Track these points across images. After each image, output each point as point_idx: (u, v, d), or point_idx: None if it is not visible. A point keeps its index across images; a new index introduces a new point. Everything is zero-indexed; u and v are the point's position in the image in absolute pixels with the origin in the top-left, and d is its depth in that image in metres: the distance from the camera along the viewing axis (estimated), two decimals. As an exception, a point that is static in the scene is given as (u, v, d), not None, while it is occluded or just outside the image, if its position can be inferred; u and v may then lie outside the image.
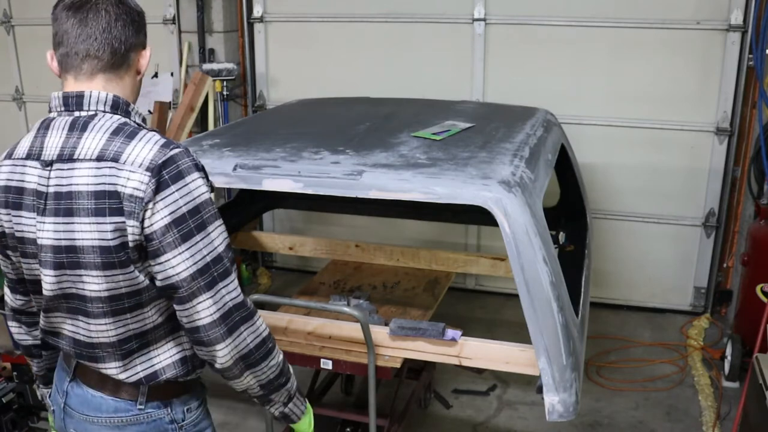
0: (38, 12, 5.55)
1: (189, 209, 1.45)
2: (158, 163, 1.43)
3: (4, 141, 5.95)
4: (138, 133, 1.49)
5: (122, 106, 1.54)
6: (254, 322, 1.54)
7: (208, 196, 1.48)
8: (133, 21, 1.55)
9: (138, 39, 1.57)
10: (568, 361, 2.20)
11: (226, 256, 1.50)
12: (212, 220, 1.48)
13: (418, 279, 3.59)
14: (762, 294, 3.75)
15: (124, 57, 1.55)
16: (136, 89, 1.62)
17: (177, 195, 1.44)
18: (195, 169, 1.47)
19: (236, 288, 1.52)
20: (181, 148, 1.49)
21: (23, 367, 3.46)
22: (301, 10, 5.01)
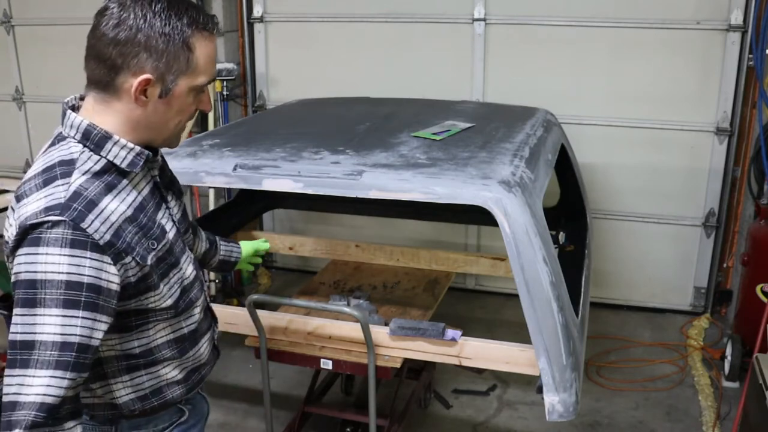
0: (38, 12, 5.56)
1: (26, 279, 1.28)
2: (27, 224, 1.29)
3: (4, 141, 5.97)
4: (53, 183, 1.33)
5: (94, 138, 1.39)
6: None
7: (55, 277, 1.26)
8: (134, 37, 1.34)
9: (125, 60, 1.35)
10: (568, 361, 2.20)
11: (38, 349, 1.25)
12: (50, 304, 1.26)
13: (418, 279, 3.59)
14: (762, 294, 3.75)
15: (109, 78, 1.37)
16: (132, 116, 1.40)
17: (23, 260, 1.29)
18: (62, 245, 1.27)
19: (24, 386, 1.25)
20: (61, 218, 1.28)
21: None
22: (301, 10, 5.01)
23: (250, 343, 2.81)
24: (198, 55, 1.38)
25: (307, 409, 3.17)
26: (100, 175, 1.38)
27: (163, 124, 1.44)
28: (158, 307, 1.50)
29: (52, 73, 5.67)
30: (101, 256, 1.32)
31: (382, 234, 4.87)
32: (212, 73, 1.45)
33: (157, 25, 1.33)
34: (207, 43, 1.40)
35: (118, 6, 1.36)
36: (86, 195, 1.34)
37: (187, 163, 2.57)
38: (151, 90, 1.37)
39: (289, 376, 3.67)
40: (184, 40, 1.36)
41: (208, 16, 1.41)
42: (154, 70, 1.35)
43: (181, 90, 1.40)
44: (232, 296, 4.82)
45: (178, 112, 1.44)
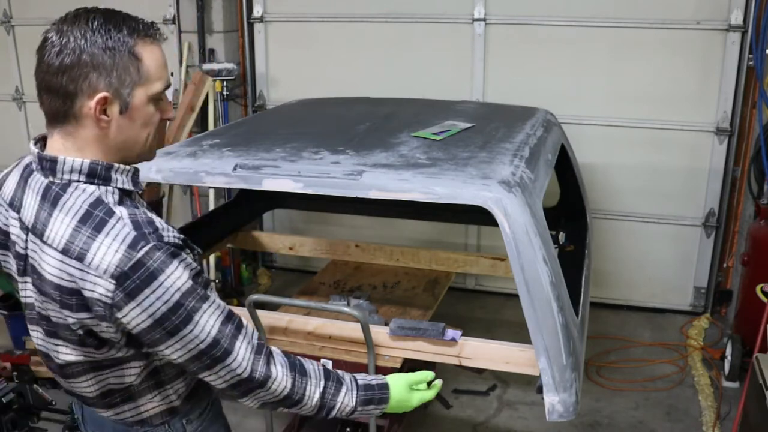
0: (38, 12, 5.55)
1: (170, 307, 1.32)
2: (124, 270, 1.29)
3: (4, 141, 5.97)
4: (105, 225, 1.32)
5: (101, 172, 1.37)
6: (268, 388, 1.49)
7: (188, 284, 1.33)
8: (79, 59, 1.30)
9: (77, 86, 1.31)
10: (568, 361, 2.20)
11: (222, 335, 1.40)
12: (199, 306, 1.35)
13: (418, 279, 3.59)
14: (762, 294, 3.75)
15: (66, 107, 1.33)
16: (102, 141, 1.37)
17: (153, 298, 1.30)
18: (170, 260, 1.32)
19: (240, 365, 1.43)
20: (151, 244, 1.31)
21: (23, 367, 3.47)
22: (301, 10, 5.01)
23: (250, 343, 2.81)
24: (147, 63, 1.36)
25: (307, 409, 3.16)
26: (122, 203, 1.39)
27: (133, 141, 1.41)
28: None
29: (52, 73, 5.67)
30: (187, 250, 1.39)
31: (382, 234, 4.87)
32: (166, 79, 1.42)
33: (99, 42, 1.31)
34: (153, 49, 1.38)
35: (56, 33, 1.34)
36: (139, 220, 1.35)
37: (187, 163, 2.57)
38: (110, 108, 1.34)
39: (289, 376, 3.67)
40: (129, 51, 1.33)
41: (147, 23, 1.39)
42: (108, 86, 1.32)
43: (139, 101, 1.37)
44: (232, 296, 4.82)
45: (144, 125, 1.41)
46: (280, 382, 1.50)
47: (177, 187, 5.25)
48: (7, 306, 4.16)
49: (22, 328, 4.12)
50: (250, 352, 1.46)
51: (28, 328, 1.55)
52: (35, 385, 3.48)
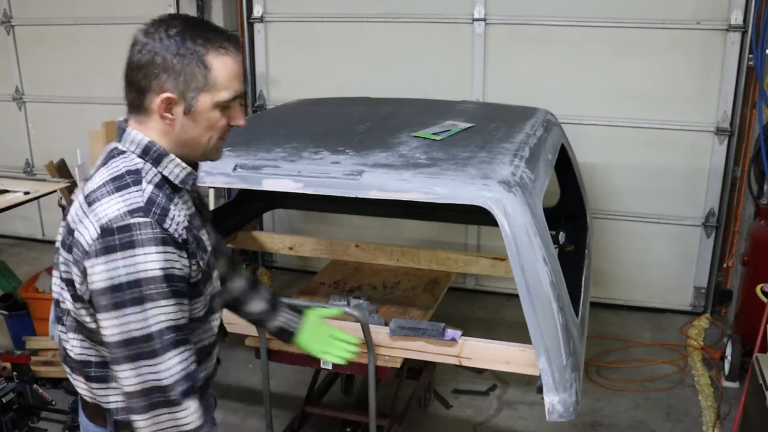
0: (39, 12, 5.56)
1: (128, 281, 1.38)
2: (112, 226, 1.40)
3: (4, 141, 5.97)
4: (127, 189, 1.44)
5: (153, 154, 1.50)
6: (177, 411, 1.44)
7: (155, 274, 1.39)
8: (153, 60, 1.43)
9: (149, 83, 1.45)
10: (568, 361, 2.20)
11: (159, 338, 1.41)
12: (155, 298, 1.40)
13: (418, 279, 3.59)
14: (762, 294, 3.75)
15: (140, 100, 1.48)
16: (166, 134, 1.50)
17: (120, 264, 1.39)
18: (154, 244, 1.39)
19: (164, 371, 1.42)
20: (146, 219, 1.40)
21: (23, 367, 3.47)
22: (301, 10, 5.01)
23: (250, 343, 2.81)
24: (216, 73, 1.46)
25: (307, 409, 3.17)
26: (160, 187, 1.49)
27: (195, 140, 1.52)
28: (195, 316, 1.58)
29: (52, 73, 5.67)
30: (181, 251, 1.46)
31: (382, 234, 4.87)
32: (236, 89, 1.51)
33: (172, 48, 1.43)
34: (225, 60, 1.47)
35: (143, 35, 1.46)
36: (158, 202, 1.46)
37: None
38: (175, 108, 1.47)
39: (289, 376, 3.67)
40: (199, 59, 1.44)
41: (225, 36, 1.49)
42: (175, 88, 1.45)
43: (203, 106, 1.47)
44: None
45: (207, 128, 1.51)
46: (192, 416, 1.46)
47: (177, 187, 5.25)
48: (7, 306, 4.16)
49: (22, 328, 4.12)
50: (181, 371, 1.44)
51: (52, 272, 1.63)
52: (35, 385, 3.48)
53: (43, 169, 4.81)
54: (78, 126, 5.10)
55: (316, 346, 2.04)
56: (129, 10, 5.30)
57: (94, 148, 4.63)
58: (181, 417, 1.45)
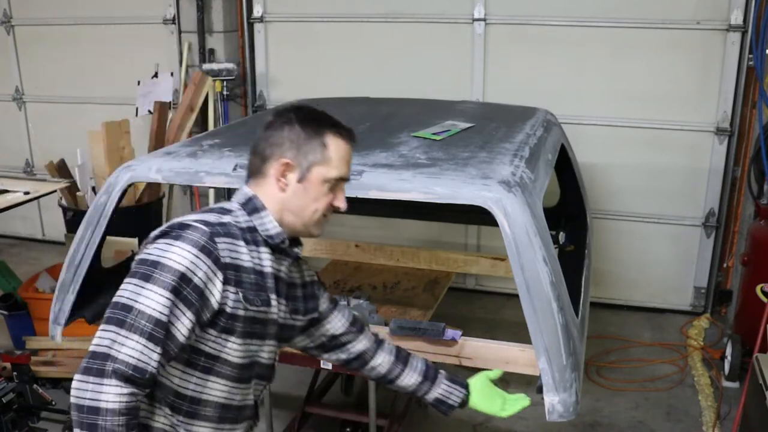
0: (39, 12, 5.56)
1: (151, 260, 1.51)
2: (177, 223, 1.58)
3: (4, 141, 5.97)
4: (210, 213, 1.63)
5: (250, 205, 1.66)
6: (102, 384, 1.41)
7: (176, 266, 1.49)
8: (281, 134, 1.65)
9: (272, 152, 1.65)
10: (568, 361, 2.20)
11: (135, 316, 1.45)
12: (159, 284, 1.48)
13: (418, 279, 3.59)
14: (762, 294, 3.75)
15: (261, 166, 1.67)
16: (276, 198, 1.66)
17: (160, 244, 1.54)
18: (192, 245, 1.52)
19: (118, 344, 1.43)
20: (205, 228, 1.55)
21: (23, 367, 3.47)
22: (301, 10, 5.01)
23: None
24: (331, 152, 1.66)
25: (307, 409, 3.17)
26: (245, 231, 1.63)
27: (302, 209, 1.67)
28: (227, 358, 1.62)
29: (52, 73, 5.67)
30: (216, 270, 1.54)
31: (382, 234, 4.87)
32: (343, 172, 1.69)
33: (297, 126, 1.65)
34: (340, 144, 1.68)
35: (275, 115, 1.70)
36: (230, 231, 1.60)
37: (187, 163, 2.57)
38: (290, 174, 1.65)
39: (289, 376, 3.67)
40: (320, 138, 1.65)
41: (346, 128, 1.70)
42: (294, 158, 1.64)
43: (315, 177, 1.65)
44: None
45: (314, 199, 1.67)
46: (113, 397, 1.41)
47: (177, 187, 5.25)
48: (7, 306, 4.16)
49: (22, 328, 4.12)
50: (133, 357, 1.43)
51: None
52: (35, 385, 3.48)
53: (43, 169, 4.82)
54: (78, 126, 5.10)
55: (495, 407, 2.16)
56: (129, 10, 5.31)
57: (94, 148, 4.63)
58: (102, 391, 1.41)
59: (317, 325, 1.93)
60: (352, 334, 1.99)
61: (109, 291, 2.71)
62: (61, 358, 3.90)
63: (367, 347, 2.00)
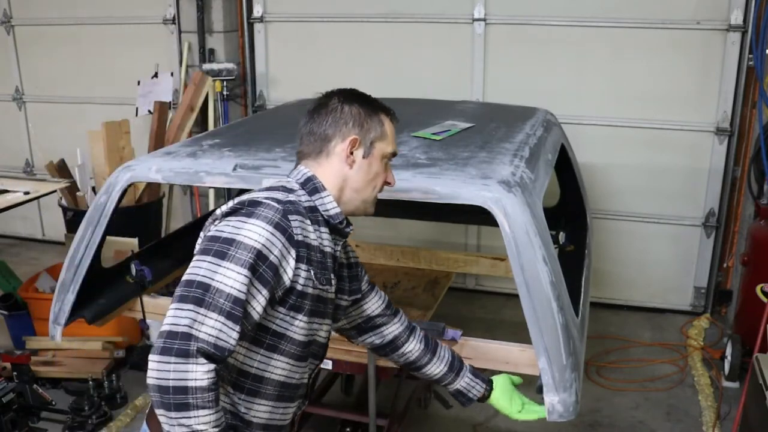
0: (39, 12, 5.56)
1: (225, 237, 1.51)
2: (247, 199, 1.59)
3: (4, 141, 5.97)
4: (276, 191, 1.63)
5: (310, 185, 1.69)
6: (187, 364, 1.40)
7: (252, 243, 1.49)
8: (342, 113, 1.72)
9: (336, 130, 1.70)
10: (568, 361, 2.20)
11: (213, 294, 1.45)
12: (236, 262, 1.47)
13: (418, 279, 3.59)
14: (762, 294, 3.75)
15: (322, 146, 1.71)
16: (340, 175, 1.71)
17: (232, 221, 1.54)
18: (267, 221, 1.53)
19: (198, 323, 1.42)
20: (278, 206, 1.56)
21: (23, 367, 3.47)
22: (301, 10, 5.01)
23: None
24: (386, 129, 1.75)
25: (307, 409, 3.17)
26: (307, 210, 1.65)
27: (365, 185, 1.74)
28: (293, 336, 1.64)
29: (52, 73, 5.67)
30: (290, 247, 1.56)
31: (382, 234, 4.87)
32: (395, 148, 1.79)
33: (356, 104, 1.74)
34: (390, 123, 1.77)
35: (325, 98, 1.78)
36: (297, 207, 1.61)
37: (187, 163, 2.57)
38: (357, 150, 1.71)
39: (289, 376, 3.67)
40: (377, 116, 1.74)
41: (389, 107, 1.79)
42: (359, 134, 1.71)
43: (377, 153, 1.73)
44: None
45: (375, 175, 1.75)
46: (201, 374, 1.41)
47: (177, 187, 5.25)
48: (7, 306, 4.16)
49: (22, 328, 4.12)
50: (213, 335, 1.43)
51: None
52: (35, 385, 3.48)
53: (43, 169, 4.82)
54: (78, 126, 5.11)
55: (513, 408, 2.13)
56: (129, 10, 5.31)
57: (94, 148, 4.63)
58: (188, 370, 1.41)
59: (355, 306, 1.98)
60: (387, 317, 2.03)
61: (110, 291, 2.73)
62: (61, 358, 3.90)
63: (400, 332, 2.05)
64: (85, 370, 3.76)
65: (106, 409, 3.53)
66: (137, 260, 2.81)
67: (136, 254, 3.00)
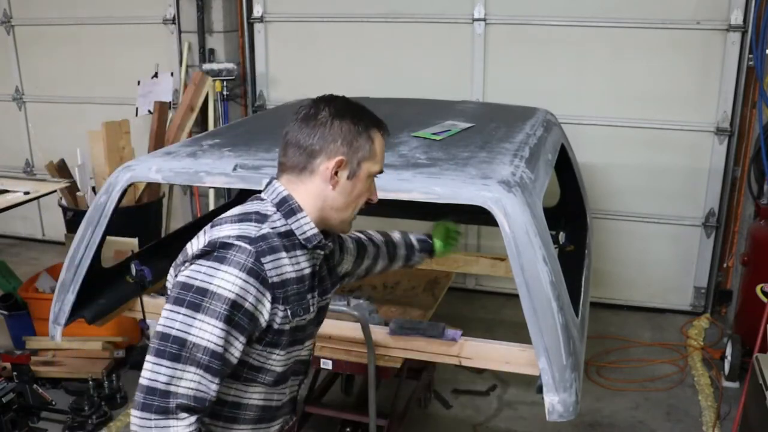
0: (39, 12, 5.56)
1: (198, 286, 1.47)
2: (218, 241, 1.51)
3: (4, 141, 5.97)
4: (248, 222, 1.56)
5: (286, 207, 1.60)
6: (166, 419, 1.42)
7: (226, 294, 1.45)
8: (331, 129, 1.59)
9: (323, 147, 1.58)
10: (568, 361, 2.20)
11: (190, 349, 1.43)
12: (211, 314, 1.44)
13: (418, 279, 3.59)
14: (762, 294, 3.75)
15: (307, 162, 1.60)
16: (321, 196, 1.61)
17: (204, 266, 1.48)
18: (239, 268, 1.47)
19: (175, 379, 1.43)
20: (250, 248, 1.49)
21: (23, 367, 3.47)
22: (301, 10, 5.01)
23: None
24: (376, 146, 1.64)
25: (307, 409, 3.17)
26: (282, 236, 1.58)
27: (345, 206, 1.64)
28: (271, 368, 1.63)
29: (52, 73, 5.67)
30: (265, 291, 1.51)
31: (382, 234, 4.86)
32: (382, 166, 1.69)
33: (348, 120, 1.60)
34: (381, 139, 1.66)
35: (315, 107, 1.63)
36: (270, 242, 1.54)
37: (187, 163, 2.57)
38: (342, 172, 1.60)
39: (289, 376, 3.67)
40: (367, 133, 1.62)
41: (383, 122, 1.68)
42: (346, 154, 1.59)
43: (363, 174, 1.63)
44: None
45: (357, 196, 1.65)
46: (181, 427, 1.43)
47: (177, 187, 5.25)
48: (7, 306, 4.16)
49: (22, 328, 4.12)
50: (192, 389, 1.44)
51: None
52: (35, 385, 3.48)
53: (43, 169, 4.82)
54: (78, 126, 5.11)
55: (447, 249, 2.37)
56: (129, 10, 5.31)
57: (94, 148, 4.64)
58: (168, 426, 1.43)
59: (345, 280, 2.05)
60: (372, 259, 2.12)
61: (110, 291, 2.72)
62: (61, 358, 3.90)
63: (378, 252, 2.14)
64: (85, 370, 3.76)
65: (106, 409, 3.54)
66: (137, 260, 2.81)
67: (136, 254, 3.00)
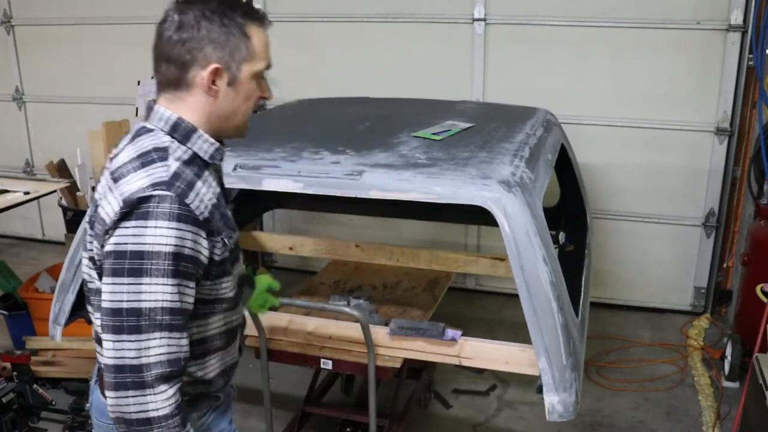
0: (39, 12, 5.56)
1: (132, 250, 1.38)
2: (135, 198, 1.39)
3: (4, 141, 5.97)
4: (152, 164, 1.44)
5: (181, 131, 1.50)
6: (146, 395, 1.38)
7: (164, 249, 1.37)
8: (197, 34, 1.45)
9: (193, 57, 1.46)
10: (568, 361, 2.20)
11: (147, 315, 1.37)
12: (154, 273, 1.37)
13: (418, 279, 3.59)
14: (762, 294, 3.75)
15: (181, 75, 1.48)
16: (205, 110, 1.51)
17: (131, 231, 1.38)
18: (169, 220, 1.38)
19: (143, 350, 1.38)
20: (168, 193, 1.40)
21: (23, 367, 3.47)
22: (301, 10, 5.01)
23: (250, 343, 2.81)
24: (255, 43, 1.53)
25: (307, 409, 3.17)
26: (188, 163, 1.49)
27: (233, 112, 1.55)
28: (224, 296, 1.58)
29: (52, 73, 5.67)
30: (199, 230, 1.43)
31: (382, 234, 4.87)
32: (269, 60, 1.59)
33: (216, 20, 1.46)
34: (260, 32, 1.56)
35: (177, 12, 1.48)
36: (184, 177, 1.45)
37: (187, 163, 2.56)
38: (219, 79, 1.49)
39: (289, 376, 3.67)
40: (241, 30, 1.50)
41: (257, 9, 1.56)
42: (221, 60, 1.48)
43: (245, 76, 1.53)
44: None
45: (245, 98, 1.56)
46: (162, 402, 1.39)
47: (177, 187, 5.24)
48: (7, 306, 4.16)
49: (22, 328, 4.12)
50: (163, 354, 1.39)
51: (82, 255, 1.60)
52: (35, 385, 3.48)
53: (43, 169, 4.82)
54: (78, 126, 5.10)
55: (254, 304, 2.26)
56: (129, 10, 5.31)
57: (94, 148, 4.63)
58: (148, 401, 1.39)
59: None
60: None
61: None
62: (61, 358, 3.90)
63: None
64: (85, 370, 3.76)
65: (106, 409, 3.53)
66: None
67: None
